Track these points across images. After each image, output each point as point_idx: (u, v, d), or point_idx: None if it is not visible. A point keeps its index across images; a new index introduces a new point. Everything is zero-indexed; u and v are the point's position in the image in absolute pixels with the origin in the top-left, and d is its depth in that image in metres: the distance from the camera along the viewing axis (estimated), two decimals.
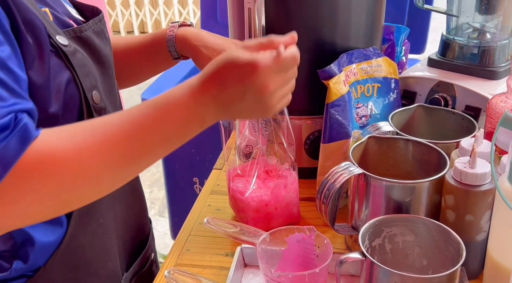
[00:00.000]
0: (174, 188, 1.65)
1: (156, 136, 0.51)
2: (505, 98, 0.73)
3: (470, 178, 0.60)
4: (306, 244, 0.65)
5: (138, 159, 0.51)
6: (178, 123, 0.52)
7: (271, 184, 0.75)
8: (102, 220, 0.66)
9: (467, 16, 0.91)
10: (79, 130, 0.50)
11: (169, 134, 0.52)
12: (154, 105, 0.51)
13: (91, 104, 0.59)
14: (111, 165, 0.49)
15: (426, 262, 0.62)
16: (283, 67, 0.53)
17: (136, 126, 0.50)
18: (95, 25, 0.64)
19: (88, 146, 0.48)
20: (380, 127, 0.77)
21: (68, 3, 0.68)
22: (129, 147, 0.50)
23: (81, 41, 0.61)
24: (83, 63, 0.59)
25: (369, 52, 0.82)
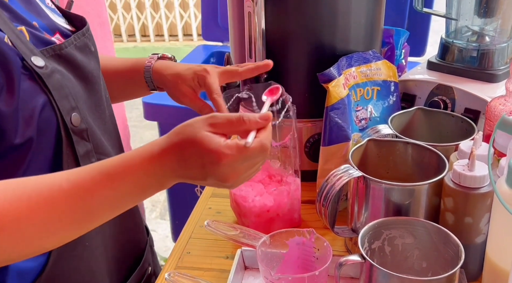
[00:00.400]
0: (175, 191, 1.66)
1: (105, 202, 0.49)
2: (504, 101, 0.73)
3: (469, 181, 0.60)
4: (305, 247, 0.65)
5: (84, 222, 0.49)
6: (132, 189, 0.50)
7: (274, 189, 0.76)
8: (88, 243, 0.62)
9: (466, 19, 0.91)
10: (19, 189, 0.47)
11: (120, 199, 0.50)
12: (107, 171, 0.49)
13: (69, 127, 0.57)
14: (51, 228, 0.47)
15: (426, 264, 0.63)
16: (249, 158, 0.50)
17: (82, 191, 0.48)
18: (78, 40, 0.62)
19: (29, 209, 0.46)
20: (380, 130, 0.77)
21: (57, 13, 0.66)
22: (73, 211, 0.48)
23: (61, 58, 0.59)
24: (61, 84, 0.57)
25: (368, 55, 0.83)
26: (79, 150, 0.59)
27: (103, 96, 0.68)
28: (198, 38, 4.19)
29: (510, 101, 0.72)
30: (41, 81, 0.55)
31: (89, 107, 0.63)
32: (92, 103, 0.64)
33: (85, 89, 0.62)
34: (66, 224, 0.48)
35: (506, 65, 0.88)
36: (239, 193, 0.77)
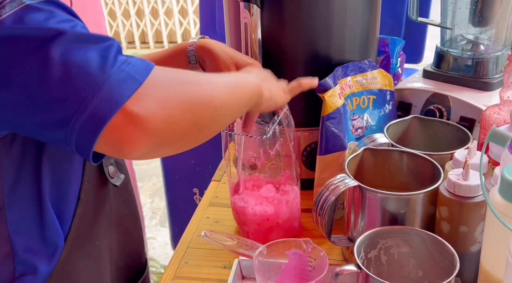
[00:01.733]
0: (175, 199, 1.66)
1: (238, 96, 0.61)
2: (498, 109, 0.74)
3: (464, 190, 0.61)
4: (302, 257, 0.65)
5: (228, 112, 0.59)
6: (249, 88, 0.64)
7: (274, 199, 0.76)
8: (98, 243, 0.65)
9: (460, 29, 0.92)
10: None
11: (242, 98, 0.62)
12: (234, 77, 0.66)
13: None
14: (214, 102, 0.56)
15: (422, 273, 0.63)
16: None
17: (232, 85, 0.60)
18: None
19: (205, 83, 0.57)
20: (376, 139, 0.78)
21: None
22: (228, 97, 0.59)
23: None
24: None
25: (364, 65, 0.83)
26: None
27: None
28: None
29: (504, 110, 0.73)
30: None
31: None
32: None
33: None
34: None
35: (501, 73, 0.89)
36: (239, 202, 0.77)
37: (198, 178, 1.54)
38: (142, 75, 0.48)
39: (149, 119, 0.47)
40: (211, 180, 0.97)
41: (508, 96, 0.72)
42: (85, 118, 0.45)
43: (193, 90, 0.53)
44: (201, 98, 0.54)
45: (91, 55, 0.46)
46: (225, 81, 0.61)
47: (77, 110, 0.45)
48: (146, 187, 2.55)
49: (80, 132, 0.46)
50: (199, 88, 0.54)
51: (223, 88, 0.58)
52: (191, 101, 0.52)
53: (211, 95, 0.55)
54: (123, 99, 0.46)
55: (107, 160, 0.65)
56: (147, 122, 0.47)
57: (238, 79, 0.65)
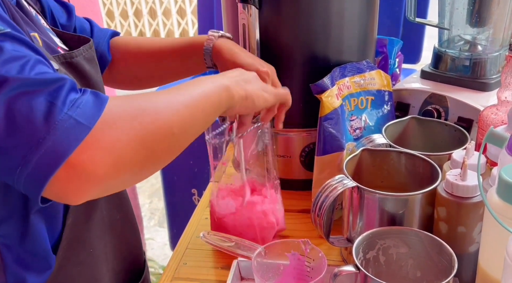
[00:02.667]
0: (173, 200, 1.66)
1: (202, 106, 0.58)
2: (496, 110, 0.74)
3: (461, 190, 0.61)
4: (301, 257, 0.65)
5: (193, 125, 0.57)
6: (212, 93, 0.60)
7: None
8: (92, 250, 0.64)
9: (458, 29, 0.92)
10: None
11: (209, 104, 0.60)
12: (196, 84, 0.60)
13: None
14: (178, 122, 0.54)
15: (420, 273, 0.63)
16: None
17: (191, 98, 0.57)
18: (86, 52, 0.64)
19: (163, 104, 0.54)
20: (374, 140, 0.78)
21: (52, 33, 0.67)
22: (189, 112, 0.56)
23: (72, 67, 0.61)
24: None
25: (362, 66, 0.84)
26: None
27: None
28: None
29: (502, 110, 0.73)
30: None
31: None
32: None
33: None
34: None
35: (498, 74, 0.89)
36: (217, 209, 0.76)
37: (197, 179, 1.54)
38: (92, 119, 0.46)
39: (95, 169, 0.45)
40: (210, 181, 0.97)
41: (506, 97, 0.72)
42: (29, 171, 0.44)
43: (148, 122, 0.50)
44: (157, 129, 0.51)
45: (37, 102, 0.44)
46: (187, 95, 0.57)
47: (21, 162, 0.44)
48: (144, 188, 2.55)
49: (25, 183, 0.45)
50: (156, 117, 0.51)
51: (185, 107, 0.55)
52: (144, 137, 0.50)
53: (169, 122, 0.52)
54: (67, 151, 0.44)
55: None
56: (93, 172, 0.45)
57: (202, 87, 0.60)
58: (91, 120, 0.46)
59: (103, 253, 0.67)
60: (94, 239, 0.65)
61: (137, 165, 0.50)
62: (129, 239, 0.75)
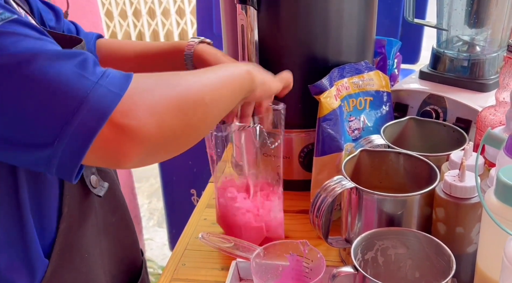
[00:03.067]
0: (172, 200, 1.66)
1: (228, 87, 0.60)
2: (494, 111, 0.74)
3: (460, 191, 0.61)
4: (299, 258, 0.65)
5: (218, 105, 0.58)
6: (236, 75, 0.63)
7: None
8: (87, 255, 0.64)
9: (456, 30, 0.92)
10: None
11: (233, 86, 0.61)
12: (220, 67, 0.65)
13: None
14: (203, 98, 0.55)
15: (419, 274, 0.63)
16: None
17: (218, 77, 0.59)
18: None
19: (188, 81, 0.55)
20: (372, 140, 0.78)
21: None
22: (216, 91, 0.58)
23: None
24: None
25: (360, 66, 0.84)
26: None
27: None
28: None
29: (500, 111, 0.73)
30: None
31: None
32: None
33: None
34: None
35: (497, 74, 0.90)
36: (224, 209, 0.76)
37: (196, 179, 1.55)
38: (123, 87, 0.47)
39: (139, 128, 0.46)
40: (209, 182, 0.97)
41: (504, 98, 0.72)
42: (72, 130, 0.44)
43: (180, 90, 0.52)
44: (190, 97, 0.52)
45: (69, 71, 0.45)
46: (214, 74, 0.60)
47: (59, 132, 0.44)
48: (143, 188, 2.55)
49: (64, 154, 0.45)
50: (186, 87, 0.53)
51: (212, 82, 0.57)
52: (180, 103, 0.51)
53: (200, 92, 0.54)
54: (109, 109, 0.45)
55: (88, 170, 0.63)
56: (138, 132, 0.46)
57: (227, 69, 0.63)
58: (123, 88, 0.47)
59: (99, 257, 0.66)
60: (89, 243, 0.64)
61: (178, 129, 0.51)
62: (126, 241, 0.74)
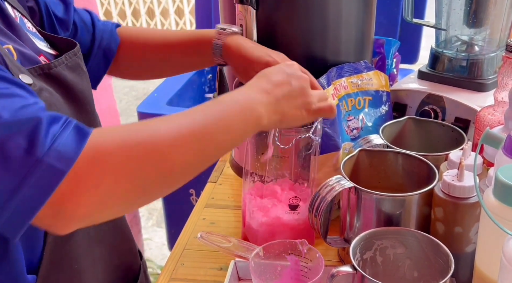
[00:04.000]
0: (171, 200, 1.66)
1: (220, 132, 0.52)
2: (493, 110, 0.74)
3: (458, 191, 0.61)
4: (298, 258, 0.65)
5: (204, 152, 0.52)
6: (237, 121, 0.54)
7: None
8: (77, 266, 0.62)
9: (455, 30, 0.92)
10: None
11: (230, 131, 0.54)
12: (217, 105, 0.54)
13: None
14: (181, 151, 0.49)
15: (417, 274, 0.63)
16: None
17: (204, 123, 0.51)
18: (69, 60, 0.62)
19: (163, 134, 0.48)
20: (371, 140, 0.78)
21: (39, 37, 0.65)
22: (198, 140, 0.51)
23: (50, 78, 0.58)
24: (49, 102, 0.55)
25: (359, 66, 0.84)
26: None
27: (94, 117, 0.67)
28: None
29: (498, 111, 0.74)
30: None
31: None
32: (82, 122, 0.61)
33: (75, 108, 0.62)
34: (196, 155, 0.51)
35: (495, 74, 0.90)
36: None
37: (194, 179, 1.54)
38: (71, 158, 0.43)
39: (76, 209, 0.44)
40: (208, 181, 0.97)
41: (503, 97, 0.73)
42: (15, 206, 0.43)
43: (142, 160, 0.46)
44: (152, 168, 0.46)
45: (13, 146, 0.43)
46: (201, 125, 0.50)
47: (6, 200, 0.43)
48: None
49: (9, 218, 0.44)
50: (152, 154, 0.46)
51: (193, 141, 0.49)
52: (136, 176, 0.46)
53: (170, 160, 0.47)
54: (47, 194, 0.43)
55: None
56: (75, 212, 0.44)
57: (223, 115, 0.53)
58: (69, 161, 0.44)
59: (91, 267, 0.65)
60: (80, 254, 0.62)
61: (127, 202, 0.48)
62: (121, 248, 0.73)
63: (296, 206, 0.74)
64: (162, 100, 1.60)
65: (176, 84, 1.70)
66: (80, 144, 0.44)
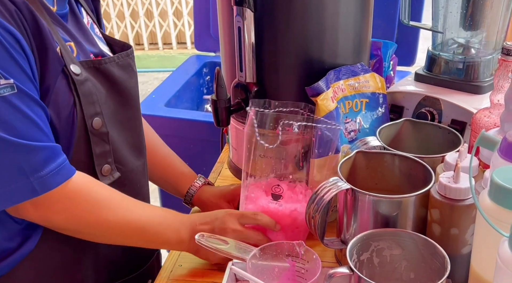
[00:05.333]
0: (169, 201, 1.66)
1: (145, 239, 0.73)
2: (489, 113, 0.75)
3: (454, 193, 0.62)
4: (295, 259, 0.66)
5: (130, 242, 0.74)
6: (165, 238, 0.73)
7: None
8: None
9: (452, 32, 0.93)
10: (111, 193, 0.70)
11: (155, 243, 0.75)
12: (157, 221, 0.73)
13: (89, 129, 0.68)
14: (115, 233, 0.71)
15: (414, 275, 0.64)
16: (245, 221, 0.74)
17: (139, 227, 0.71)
18: (121, 59, 0.73)
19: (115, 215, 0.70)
20: (368, 142, 0.78)
21: (103, 41, 0.77)
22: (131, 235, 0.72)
23: (99, 72, 0.70)
24: (90, 91, 0.67)
25: (356, 68, 0.84)
26: (96, 150, 0.70)
27: (137, 112, 0.77)
28: (192, 46, 4.20)
29: (494, 113, 0.74)
30: (73, 85, 0.66)
31: (119, 119, 0.73)
32: (123, 114, 0.74)
33: (118, 102, 0.72)
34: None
35: (491, 77, 0.90)
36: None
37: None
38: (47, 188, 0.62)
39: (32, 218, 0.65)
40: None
41: (499, 100, 0.73)
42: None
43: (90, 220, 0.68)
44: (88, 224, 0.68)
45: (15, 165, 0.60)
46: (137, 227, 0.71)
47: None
48: None
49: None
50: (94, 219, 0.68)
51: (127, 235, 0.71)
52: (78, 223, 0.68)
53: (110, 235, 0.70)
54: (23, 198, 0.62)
55: (102, 160, 0.71)
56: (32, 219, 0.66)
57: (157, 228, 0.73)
58: (46, 190, 0.62)
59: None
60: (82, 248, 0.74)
61: (66, 231, 0.69)
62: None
63: (279, 196, 0.76)
64: (161, 101, 1.60)
65: (174, 85, 1.70)
66: (61, 181, 0.63)
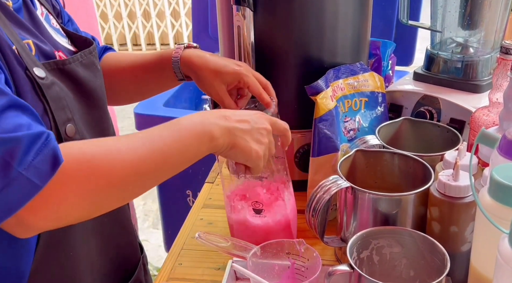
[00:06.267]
0: (168, 201, 1.66)
1: (175, 153, 0.57)
2: (488, 111, 0.75)
3: (454, 191, 0.62)
4: (295, 257, 0.66)
5: (160, 172, 0.57)
6: (192, 140, 0.58)
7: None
8: (72, 253, 0.65)
9: (450, 32, 0.93)
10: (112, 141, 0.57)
11: (185, 151, 0.58)
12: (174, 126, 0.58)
13: (63, 137, 0.60)
14: (137, 174, 0.54)
15: (413, 273, 0.64)
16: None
17: (160, 144, 0.56)
18: (84, 57, 0.65)
19: (122, 156, 0.54)
20: (368, 141, 0.78)
21: (61, 33, 0.69)
22: (154, 162, 0.56)
23: (63, 73, 0.62)
24: (59, 96, 0.60)
25: (356, 68, 0.84)
26: None
27: (105, 114, 0.70)
28: None
29: (493, 112, 0.74)
30: (40, 91, 0.58)
31: (88, 121, 0.65)
32: (92, 118, 0.66)
33: (85, 104, 0.65)
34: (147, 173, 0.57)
35: (490, 76, 0.91)
36: (236, 216, 0.76)
37: (191, 180, 1.55)
38: (45, 178, 0.49)
39: (36, 222, 0.50)
40: (205, 182, 0.98)
41: (497, 98, 0.73)
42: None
43: (102, 184, 0.52)
44: (110, 189, 0.53)
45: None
46: (158, 149, 0.55)
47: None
48: None
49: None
50: (110, 179, 0.52)
51: (148, 162, 0.54)
52: (96, 196, 0.52)
53: (125, 182, 0.54)
54: (16, 207, 0.48)
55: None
56: (34, 225, 0.50)
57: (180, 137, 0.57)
58: (44, 180, 0.49)
59: (87, 255, 0.67)
60: (76, 242, 0.65)
61: (82, 217, 0.54)
62: (119, 240, 0.74)
63: (260, 210, 0.75)
64: (159, 101, 1.61)
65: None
66: (54, 167, 0.49)
